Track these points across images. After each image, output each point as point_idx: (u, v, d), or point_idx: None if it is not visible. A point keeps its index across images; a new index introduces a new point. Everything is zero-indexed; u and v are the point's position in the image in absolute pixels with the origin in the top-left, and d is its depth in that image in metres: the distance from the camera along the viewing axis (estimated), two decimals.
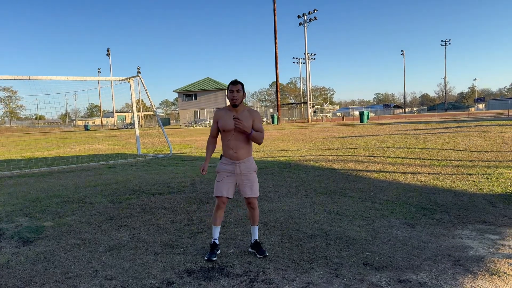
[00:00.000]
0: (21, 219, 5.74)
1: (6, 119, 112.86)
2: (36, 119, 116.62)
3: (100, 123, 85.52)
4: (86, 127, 68.26)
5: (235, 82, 3.95)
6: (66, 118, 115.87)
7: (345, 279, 3.47)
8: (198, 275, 3.69)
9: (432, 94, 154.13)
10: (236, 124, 3.80)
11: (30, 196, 7.24)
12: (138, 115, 79.51)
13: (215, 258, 4.00)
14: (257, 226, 4.23)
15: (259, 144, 4.03)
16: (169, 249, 4.39)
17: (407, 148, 12.33)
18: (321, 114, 58.67)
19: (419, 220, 5.16)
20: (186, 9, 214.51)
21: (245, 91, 4.04)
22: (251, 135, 3.90)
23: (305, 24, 49.85)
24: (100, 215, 5.84)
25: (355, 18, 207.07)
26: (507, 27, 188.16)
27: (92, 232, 5.07)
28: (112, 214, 5.85)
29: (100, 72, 77.31)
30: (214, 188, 4.07)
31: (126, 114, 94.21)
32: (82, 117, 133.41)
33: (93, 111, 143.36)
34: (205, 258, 3.99)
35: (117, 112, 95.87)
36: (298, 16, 50.15)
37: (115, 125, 77.27)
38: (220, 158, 4.12)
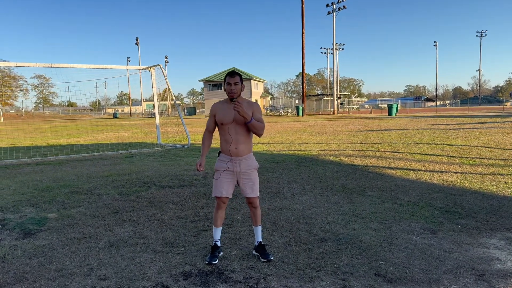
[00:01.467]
0: (27, 209, 5.65)
1: (40, 105, 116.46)
2: (68, 106, 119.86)
3: (129, 111, 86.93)
4: (115, 115, 69.58)
5: (232, 74, 3.62)
6: (96, 105, 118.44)
7: None
8: (195, 279, 3.44)
9: (465, 87, 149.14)
10: (235, 108, 3.46)
11: (41, 185, 7.19)
12: (166, 104, 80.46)
13: (216, 262, 3.73)
14: (260, 226, 3.94)
15: (260, 135, 3.66)
16: (169, 247, 4.16)
17: (435, 144, 11.72)
18: (347, 106, 57.56)
19: (441, 226, 4.73)
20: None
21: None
22: (251, 123, 3.54)
23: (334, 13, 48.76)
24: (106, 207, 5.68)
25: (386, 7, 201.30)
26: None
27: (95, 226, 4.90)
28: (118, 207, 5.68)
29: (129, 61, 78.46)
30: (213, 188, 3.79)
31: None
32: (112, 105, 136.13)
33: (122, 99, 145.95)
34: (206, 262, 3.74)
35: (145, 100, 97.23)
36: (327, 5, 49.09)
37: (143, 114, 78.39)
38: (218, 155, 3.82)
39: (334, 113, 48.02)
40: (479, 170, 8.09)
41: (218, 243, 3.88)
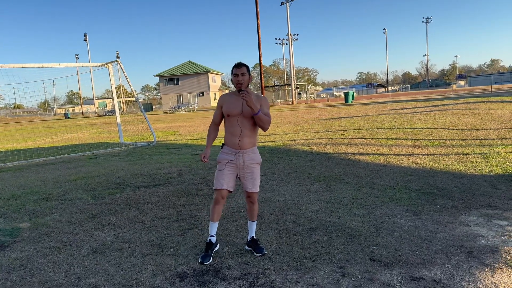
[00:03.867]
0: None
1: None
2: (14, 108, 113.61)
3: (81, 111, 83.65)
4: (66, 115, 66.61)
5: (239, 65, 3.55)
6: (45, 106, 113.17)
7: (353, 279, 3.18)
8: (191, 279, 3.35)
9: (413, 72, 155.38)
10: (244, 97, 3.38)
11: (5, 193, 6.75)
12: (119, 102, 78.07)
13: (209, 261, 3.65)
14: (255, 222, 3.90)
15: (265, 129, 3.61)
16: (158, 249, 4.04)
17: (397, 128, 12.11)
18: (305, 96, 58.32)
19: (422, 207, 4.90)
20: None
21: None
22: (258, 115, 3.47)
23: (287, 3, 49.05)
24: (82, 213, 5.43)
25: None
26: (487, 3, 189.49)
27: (74, 232, 4.67)
28: (94, 212, 5.44)
29: (78, 58, 75.16)
30: (214, 180, 3.70)
31: (107, 100, 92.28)
32: (62, 104, 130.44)
33: (73, 98, 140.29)
34: (199, 261, 3.65)
35: (98, 98, 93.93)
36: None
37: (96, 112, 75.67)
38: (222, 147, 3.74)
39: (293, 103, 48.53)
40: (443, 151, 8.44)
41: (213, 239, 3.79)
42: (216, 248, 3.84)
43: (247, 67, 3.60)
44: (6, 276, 3.61)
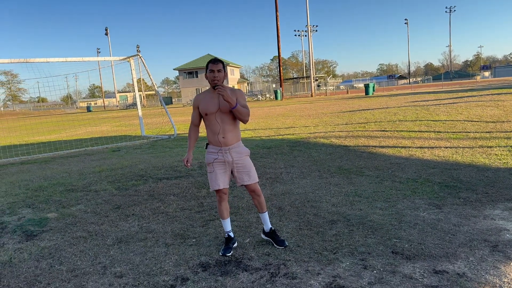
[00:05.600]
0: (23, 210, 5.48)
1: (8, 103, 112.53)
2: (38, 102, 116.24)
3: (102, 104, 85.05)
4: (88, 109, 67.86)
5: (215, 61, 3.50)
6: (68, 100, 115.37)
7: (374, 271, 3.18)
8: (214, 269, 3.41)
9: (436, 63, 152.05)
10: (220, 91, 3.35)
11: (33, 185, 6.97)
12: (140, 95, 78.98)
13: (230, 253, 3.69)
14: (266, 213, 3.88)
15: (245, 121, 3.56)
16: (180, 239, 4.11)
17: (419, 120, 11.92)
18: (324, 88, 57.86)
19: (444, 200, 4.84)
20: None
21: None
22: (236, 108, 3.44)
23: None
24: (106, 203, 5.56)
25: None
26: None
27: (99, 223, 4.80)
28: (118, 202, 5.57)
29: (99, 52, 76.34)
30: (209, 182, 3.71)
31: (128, 94, 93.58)
32: (84, 98, 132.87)
33: (94, 92, 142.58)
34: (220, 254, 3.70)
35: (119, 92, 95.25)
36: None
37: (117, 106, 76.82)
38: (206, 147, 3.72)
39: (312, 96, 48.22)
40: (467, 143, 8.28)
41: (231, 234, 3.83)
42: (235, 244, 3.86)
43: (223, 63, 3.54)
44: (36, 264, 3.74)
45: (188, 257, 3.68)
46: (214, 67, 3.47)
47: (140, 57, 14.24)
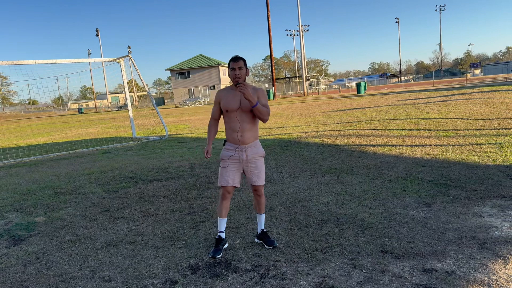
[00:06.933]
0: (11, 214, 5.40)
1: None
2: (29, 104, 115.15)
3: (94, 106, 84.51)
4: (79, 110, 67.36)
5: (236, 59, 3.50)
6: (59, 101, 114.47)
7: (364, 271, 3.18)
8: (203, 271, 3.39)
9: (427, 61, 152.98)
10: (241, 89, 3.36)
11: (21, 188, 6.88)
12: (132, 96, 78.61)
13: (220, 255, 3.66)
14: (264, 215, 3.91)
15: (265, 120, 3.58)
16: (170, 242, 4.08)
17: (410, 119, 11.98)
18: (317, 87, 57.96)
19: (434, 198, 4.86)
20: None
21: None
22: (257, 107, 3.45)
23: None
24: (95, 206, 5.51)
25: None
26: None
27: (87, 226, 4.74)
28: (108, 205, 5.52)
29: (90, 53, 75.84)
30: (219, 177, 3.72)
31: (120, 95, 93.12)
32: (75, 100, 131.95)
33: (86, 93, 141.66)
34: (209, 256, 3.67)
35: (110, 93, 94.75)
36: None
37: (109, 107, 76.37)
38: (224, 144, 3.74)
39: (304, 95, 48.29)
40: (457, 141, 8.33)
41: (223, 235, 3.81)
42: (226, 246, 3.85)
43: (244, 61, 3.55)
44: (23, 269, 3.69)
45: (178, 260, 3.65)
46: (235, 65, 3.48)
47: (130, 58, 14.14)
